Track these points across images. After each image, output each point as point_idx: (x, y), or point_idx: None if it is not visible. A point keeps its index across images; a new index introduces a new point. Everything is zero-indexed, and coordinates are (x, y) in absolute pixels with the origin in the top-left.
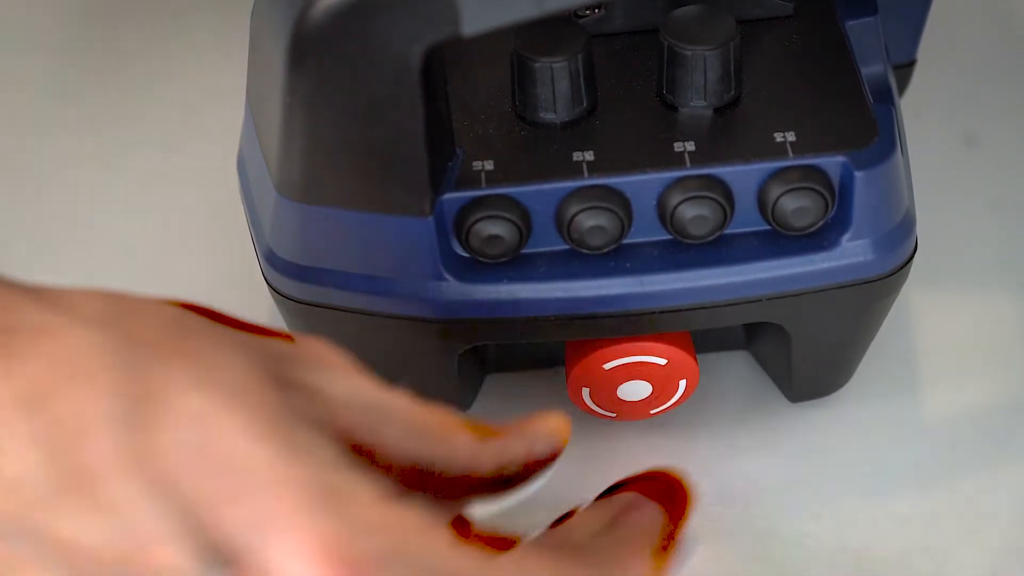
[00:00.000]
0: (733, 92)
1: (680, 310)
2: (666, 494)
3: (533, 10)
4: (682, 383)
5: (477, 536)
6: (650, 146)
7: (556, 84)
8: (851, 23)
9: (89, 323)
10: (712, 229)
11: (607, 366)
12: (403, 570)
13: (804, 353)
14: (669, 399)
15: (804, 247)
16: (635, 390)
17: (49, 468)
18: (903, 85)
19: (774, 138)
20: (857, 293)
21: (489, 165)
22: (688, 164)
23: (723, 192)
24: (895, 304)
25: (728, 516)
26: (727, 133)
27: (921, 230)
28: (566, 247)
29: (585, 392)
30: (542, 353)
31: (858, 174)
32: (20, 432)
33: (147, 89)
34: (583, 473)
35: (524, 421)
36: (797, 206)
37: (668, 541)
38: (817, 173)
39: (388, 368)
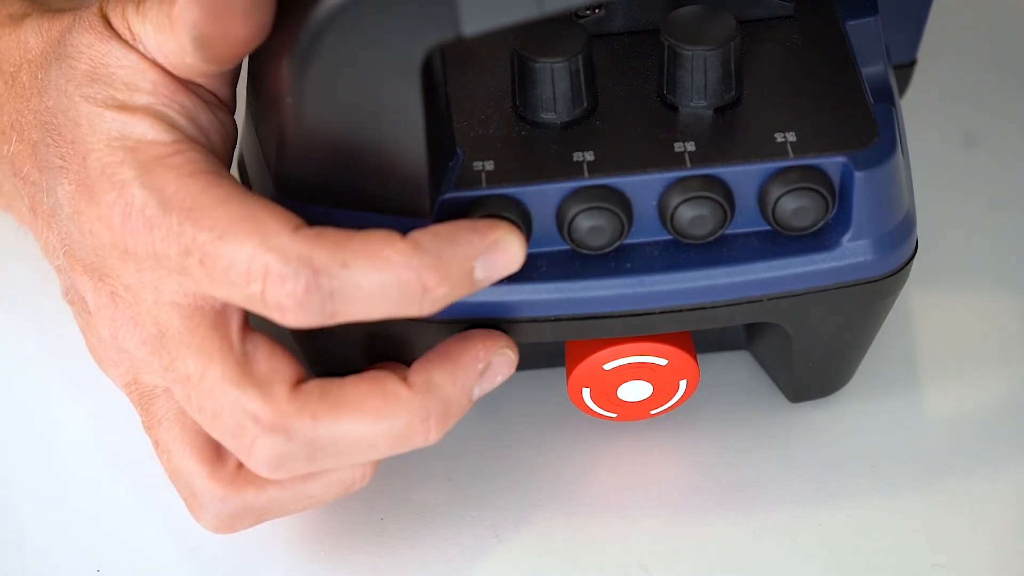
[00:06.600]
0: (733, 92)
1: (680, 310)
2: None
3: (533, 10)
4: (682, 383)
5: None
6: (650, 146)
7: (556, 84)
8: (851, 23)
9: None
10: (712, 229)
11: (607, 366)
12: None
13: (804, 353)
14: (669, 399)
15: (804, 247)
16: (635, 390)
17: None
18: (903, 85)
19: (774, 138)
20: (857, 293)
21: (489, 165)
22: (688, 164)
23: (723, 192)
24: (895, 304)
25: (728, 516)
26: (727, 133)
27: (921, 230)
28: (566, 247)
29: (585, 392)
30: (542, 353)
31: (858, 174)
32: None
33: None
34: (584, 474)
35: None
36: (797, 206)
37: None
38: (817, 173)
39: None
